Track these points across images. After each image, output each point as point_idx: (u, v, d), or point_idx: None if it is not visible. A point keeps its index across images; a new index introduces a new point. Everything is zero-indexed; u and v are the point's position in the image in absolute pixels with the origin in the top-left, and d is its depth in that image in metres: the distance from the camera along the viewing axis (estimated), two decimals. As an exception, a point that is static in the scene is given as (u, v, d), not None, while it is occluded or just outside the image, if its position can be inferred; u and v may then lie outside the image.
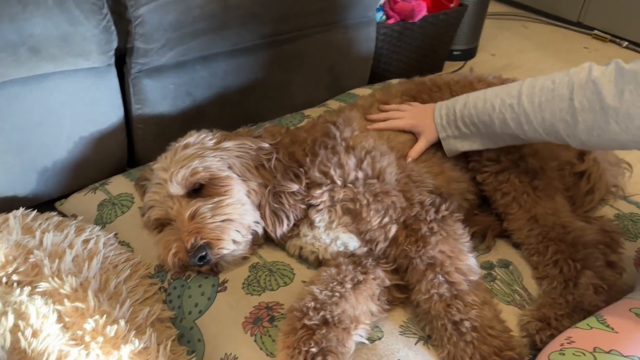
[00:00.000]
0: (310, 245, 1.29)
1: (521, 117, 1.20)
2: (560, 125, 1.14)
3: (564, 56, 3.43)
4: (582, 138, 1.12)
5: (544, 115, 1.17)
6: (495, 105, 1.25)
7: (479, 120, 1.29)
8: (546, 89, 1.17)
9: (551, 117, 1.15)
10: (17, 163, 1.49)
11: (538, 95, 1.18)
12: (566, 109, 1.12)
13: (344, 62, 2.21)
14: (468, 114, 1.31)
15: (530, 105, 1.19)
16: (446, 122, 1.37)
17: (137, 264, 1.31)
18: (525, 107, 1.19)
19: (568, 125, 1.13)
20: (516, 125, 1.22)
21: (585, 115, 1.09)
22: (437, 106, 1.40)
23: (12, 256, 1.24)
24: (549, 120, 1.16)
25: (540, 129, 1.18)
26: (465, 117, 1.32)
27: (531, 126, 1.20)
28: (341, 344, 1.03)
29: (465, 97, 1.34)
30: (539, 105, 1.17)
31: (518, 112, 1.21)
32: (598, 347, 0.99)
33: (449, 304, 1.11)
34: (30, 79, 1.41)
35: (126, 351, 1.07)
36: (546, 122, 1.17)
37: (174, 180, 1.24)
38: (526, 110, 1.19)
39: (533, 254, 1.32)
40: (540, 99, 1.17)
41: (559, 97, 1.14)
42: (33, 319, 1.06)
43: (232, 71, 1.83)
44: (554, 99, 1.15)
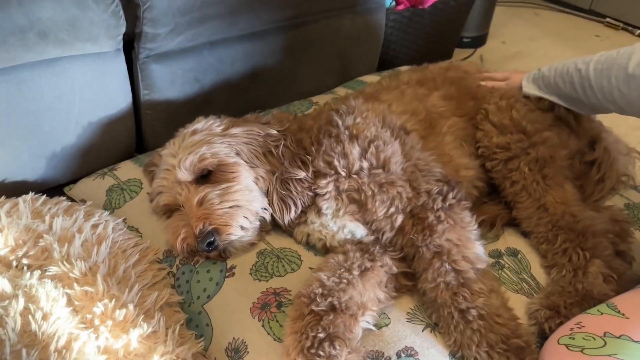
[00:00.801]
0: (317, 232, 1.30)
1: (585, 82, 1.27)
2: (615, 93, 1.20)
3: (575, 44, 3.38)
4: (637, 105, 1.17)
5: (602, 82, 1.22)
6: (570, 69, 1.32)
7: (554, 82, 1.38)
8: (609, 57, 1.23)
9: (608, 84, 1.21)
10: (26, 148, 1.49)
11: (602, 62, 1.24)
12: (622, 77, 1.17)
13: (352, 49, 2.19)
14: (548, 75, 1.41)
15: (594, 71, 1.25)
16: (532, 78, 1.48)
17: (146, 249, 1.32)
18: (590, 72, 1.26)
19: (622, 94, 1.18)
20: (581, 90, 1.29)
21: (638, 82, 1.14)
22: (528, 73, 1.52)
23: (22, 240, 1.25)
24: (606, 87, 1.21)
25: (599, 94, 1.25)
26: (545, 77, 1.42)
27: (592, 92, 1.26)
28: (348, 330, 1.04)
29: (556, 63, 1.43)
30: (601, 72, 1.23)
31: (584, 77, 1.28)
32: (608, 332, 0.99)
33: (455, 292, 1.11)
34: (39, 64, 1.41)
35: (135, 335, 1.08)
36: (604, 89, 1.23)
37: (183, 166, 1.25)
38: (590, 75, 1.26)
39: (542, 243, 1.31)
40: (603, 65, 1.23)
41: (617, 66, 1.19)
42: (43, 302, 1.07)
43: (241, 57, 1.82)
44: (613, 67, 1.20)
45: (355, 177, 1.22)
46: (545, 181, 1.36)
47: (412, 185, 1.22)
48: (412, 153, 1.29)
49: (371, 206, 1.21)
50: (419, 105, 1.46)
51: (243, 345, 1.10)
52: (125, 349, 1.07)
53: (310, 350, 0.98)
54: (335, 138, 1.28)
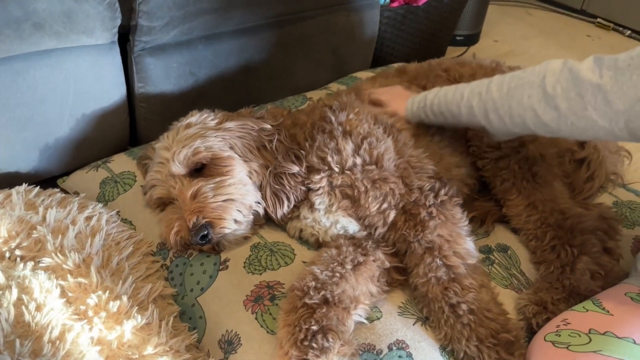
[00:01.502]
0: (310, 227, 1.31)
1: (488, 105, 1.16)
2: (527, 114, 1.10)
3: (566, 44, 3.42)
4: (553, 127, 1.08)
5: (511, 103, 1.12)
6: (465, 94, 1.22)
7: (446, 109, 1.27)
8: (516, 77, 1.13)
9: (518, 105, 1.11)
10: (19, 139, 1.49)
11: (507, 83, 1.13)
12: (536, 96, 1.08)
13: (347, 45, 2.20)
14: (437, 103, 1.30)
15: (499, 92, 1.14)
16: (416, 108, 1.37)
17: (140, 242, 1.32)
18: (493, 94, 1.15)
19: (535, 114, 1.08)
20: (482, 114, 1.18)
21: (558, 101, 1.05)
22: (412, 97, 1.41)
23: (15, 231, 1.24)
24: (515, 108, 1.11)
25: (506, 117, 1.14)
26: (434, 105, 1.31)
27: (497, 114, 1.15)
28: (341, 323, 1.05)
29: (438, 88, 1.33)
30: (507, 92, 1.12)
31: (485, 100, 1.16)
32: (593, 329, 1.01)
33: (446, 287, 1.12)
34: (34, 55, 1.40)
35: (129, 326, 1.09)
36: (513, 111, 1.12)
37: (176, 159, 1.25)
38: (494, 97, 1.15)
39: (531, 239, 1.33)
40: (509, 85, 1.13)
41: (529, 84, 1.09)
42: (36, 293, 1.08)
43: (236, 51, 1.82)
44: (524, 85, 1.10)
45: (349, 173, 1.23)
46: (534, 179, 1.38)
47: (404, 181, 1.23)
48: (405, 150, 1.30)
49: (364, 202, 1.22)
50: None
51: (236, 337, 1.11)
52: (119, 340, 1.08)
53: (303, 343, 0.99)
54: (328, 134, 1.29)
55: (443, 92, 1.30)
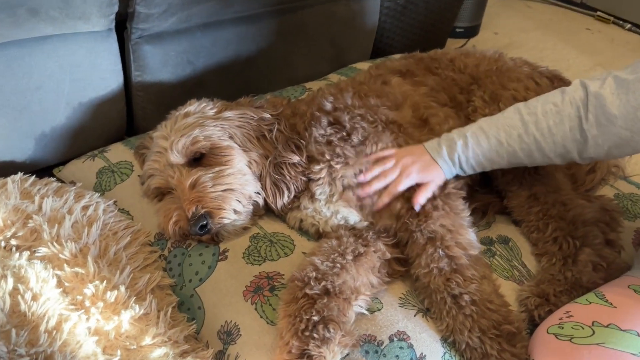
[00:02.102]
0: (310, 217, 1.30)
1: (532, 146, 1.16)
2: (571, 145, 1.12)
3: (566, 37, 3.40)
4: (592, 153, 1.11)
5: (555, 139, 1.13)
6: (502, 139, 1.18)
7: (485, 159, 1.21)
8: (551, 112, 1.14)
9: (562, 139, 1.12)
10: (15, 128, 1.46)
11: (544, 120, 1.14)
12: (576, 127, 1.10)
13: (346, 35, 2.18)
14: (474, 155, 1.21)
15: (539, 131, 1.14)
16: (451, 165, 1.23)
17: (137, 232, 1.31)
18: (535, 134, 1.15)
19: (579, 143, 1.11)
20: (526, 155, 1.18)
21: (593, 130, 1.08)
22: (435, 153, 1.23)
23: (11, 221, 1.23)
24: (560, 142, 1.13)
25: (551, 153, 1.15)
26: (470, 159, 1.22)
27: (542, 152, 1.16)
28: (342, 314, 1.04)
29: (461, 136, 1.22)
30: (549, 130, 1.13)
31: (528, 142, 1.16)
32: (597, 321, 1.00)
33: (448, 277, 1.12)
34: (29, 41, 1.38)
35: (126, 317, 1.08)
36: (557, 145, 1.14)
37: (175, 148, 1.24)
38: (536, 137, 1.15)
39: (533, 231, 1.33)
40: (547, 123, 1.14)
41: (568, 117, 1.11)
42: (33, 282, 1.06)
43: (234, 40, 1.80)
44: (563, 120, 1.12)
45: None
46: (536, 171, 1.37)
47: None
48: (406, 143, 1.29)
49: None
50: (410, 94, 1.45)
51: (235, 328, 1.10)
52: (116, 330, 1.07)
53: (304, 333, 0.98)
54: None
55: (473, 141, 1.21)
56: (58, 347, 0.97)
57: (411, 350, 1.06)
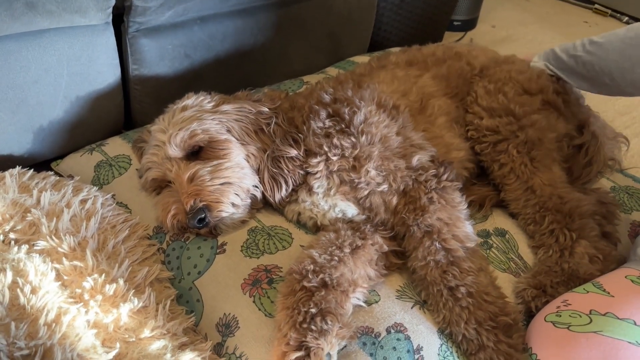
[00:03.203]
0: (308, 211, 1.30)
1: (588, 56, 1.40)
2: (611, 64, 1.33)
3: (563, 30, 3.40)
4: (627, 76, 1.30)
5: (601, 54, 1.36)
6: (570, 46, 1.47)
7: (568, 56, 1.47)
8: (608, 33, 1.37)
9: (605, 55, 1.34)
10: (12, 122, 1.46)
11: (600, 37, 1.39)
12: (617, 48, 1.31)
13: (344, 28, 2.17)
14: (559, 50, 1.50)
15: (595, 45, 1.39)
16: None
17: (136, 225, 1.31)
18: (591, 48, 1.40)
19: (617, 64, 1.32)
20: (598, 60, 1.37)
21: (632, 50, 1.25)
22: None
23: (9, 214, 1.23)
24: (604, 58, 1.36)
25: (597, 67, 1.37)
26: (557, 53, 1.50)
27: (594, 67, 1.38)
28: (339, 306, 1.05)
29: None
30: (601, 45, 1.37)
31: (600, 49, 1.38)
32: (594, 310, 1.01)
33: (445, 270, 1.12)
34: (26, 35, 1.37)
35: (125, 309, 1.08)
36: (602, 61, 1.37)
37: (173, 142, 1.24)
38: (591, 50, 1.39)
39: (529, 224, 1.33)
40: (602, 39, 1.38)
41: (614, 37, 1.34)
42: (32, 276, 1.06)
43: (231, 34, 1.80)
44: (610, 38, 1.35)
45: (347, 157, 1.22)
46: (533, 163, 1.37)
47: (406, 162, 1.23)
48: (405, 132, 1.29)
49: (365, 172, 1.21)
50: (410, 86, 1.46)
51: (234, 320, 1.10)
52: (115, 323, 1.07)
53: (302, 325, 0.98)
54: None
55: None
56: (57, 340, 0.97)
57: (408, 341, 1.06)
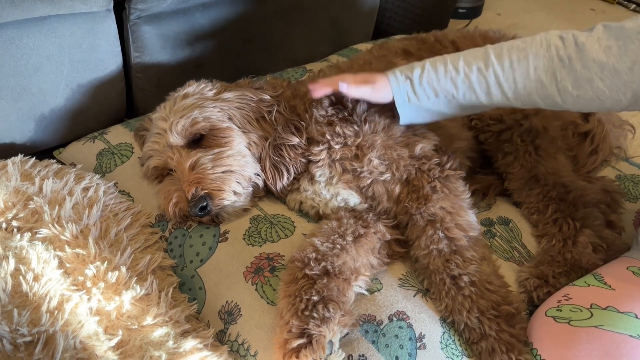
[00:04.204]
0: (310, 200, 1.29)
1: (490, 80, 1.08)
2: (533, 86, 1.06)
3: (569, 17, 3.36)
4: (558, 100, 1.05)
5: (515, 76, 1.06)
6: (460, 68, 1.10)
7: (439, 86, 1.13)
8: (516, 49, 1.07)
9: (524, 78, 1.06)
10: (14, 110, 1.46)
11: (508, 55, 1.07)
12: (542, 68, 1.04)
13: (347, 15, 2.15)
14: (427, 78, 1.13)
15: (500, 65, 1.07)
16: (402, 83, 1.16)
17: (138, 213, 1.31)
18: (495, 68, 1.07)
19: (543, 85, 1.05)
20: (484, 90, 1.10)
21: (564, 73, 1.02)
22: (392, 72, 1.19)
23: (12, 202, 1.23)
24: (520, 82, 1.06)
25: (509, 92, 1.08)
26: (423, 79, 1.13)
27: (499, 89, 1.08)
28: (342, 294, 1.04)
29: (423, 61, 1.16)
30: (510, 66, 1.06)
31: (486, 75, 1.08)
32: (595, 304, 1.01)
33: (447, 259, 1.12)
34: (27, 22, 1.36)
35: (127, 297, 1.08)
36: (518, 85, 1.07)
37: (174, 130, 1.23)
38: (496, 71, 1.07)
39: (533, 213, 1.32)
40: (511, 58, 1.06)
41: (534, 56, 1.05)
42: (34, 263, 1.07)
43: (233, 21, 1.78)
44: (527, 57, 1.05)
45: (349, 145, 1.21)
46: (537, 152, 1.36)
47: (409, 150, 1.22)
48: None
49: (367, 161, 1.20)
50: None
51: (236, 308, 1.10)
52: (117, 311, 1.07)
53: (304, 313, 0.98)
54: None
55: (430, 65, 1.14)
56: (60, 327, 0.98)
57: (410, 329, 1.06)
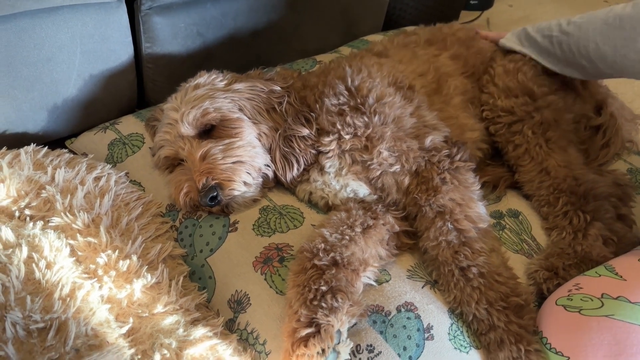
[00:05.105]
0: (320, 190, 1.30)
1: (562, 36, 1.36)
2: (591, 46, 1.29)
3: (582, 9, 3.29)
4: (608, 58, 1.26)
5: (579, 34, 1.32)
6: (552, 24, 1.42)
7: (534, 36, 1.46)
8: (590, 14, 1.33)
9: (585, 37, 1.30)
10: (27, 99, 1.47)
11: (582, 17, 1.34)
12: (598, 29, 1.25)
13: (358, 6, 2.14)
14: (531, 30, 1.48)
15: (574, 24, 1.34)
16: (515, 34, 1.54)
17: (149, 203, 1.32)
18: (570, 26, 1.35)
19: (597, 45, 1.27)
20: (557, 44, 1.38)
21: (615, 32, 1.21)
22: None
23: (24, 191, 1.24)
24: (583, 39, 1.31)
25: (574, 47, 1.34)
26: (528, 32, 1.48)
27: (568, 46, 1.35)
28: (350, 284, 1.05)
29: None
30: (580, 26, 1.32)
31: (563, 30, 1.37)
32: (606, 294, 1.00)
33: (456, 250, 1.12)
34: (40, 12, 1.37)
35: (139, 285, 1.09)
36: (580, 42, 1.32)
37: (185, 120, 1.24)
38: (569, 29, 1.35)
39: (543, 205, 1.32)
40: (582, 19, 1.33)
41: (595, 18, 1.28)
42: (46, 251, 1.08)
43: (244, 11, 1.78)
44: (590, 19, 1.30)
45: (359, 136, 1.21)
46: (548, 144, 1.36)
47: (419, 142, 1.22)
48: (420, 112, 1.28)
49: (377, 153, 1.20)
50: (428, 65, 1.44)
51: (246, 297, 1.11)
52: (129, 299, 1.09)
53: (312, 302, 0.99)
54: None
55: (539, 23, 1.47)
56: (72, 314, 0.99)
57: (418, 320, 1.07)
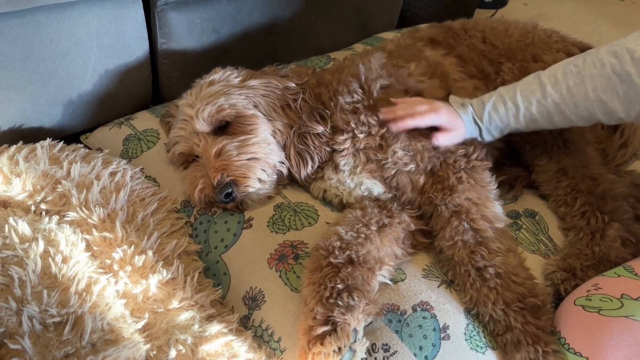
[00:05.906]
0: (334, 188, 1.29)
1: (550, 109, 1.14)
2: (594, 106, 1.09)
3: (597, 7, 3.29)
4: (621, 115, 1.08)
5: (575, 101, 1.11)
6: (519, 104, 1.17)
7: (503, 126, 1.21)
8: (570, 73, 1.11)
9: (584, 100, 1.10)
10: (43, 94, 1.48)
11: (564, 82, 1.12)
12: (600, 88, 1.07)
13: (372, 4, 2.13)
14: (495, 121, 1.21)
15: (558, 93, 1.12)
16: (472, 123, 1.24)
17: (164, 198, 1.32)
18: (554, 97, 1.13)
19: (604, 104, 1.08)
20: (545, 119, 1.16)
21: (625, 88, 1.05)
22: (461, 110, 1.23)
23: (40, 185, 1.25)
24: (582, 104, 1.10)
25: (572, 116, 1.13)
26: (492, 122, 1.21)
27: (562, 115, 1.14)
28: (366, 283, 1.04)
29: (481, 103, 1.22)
30: (568, 91, 1.11)
31: (546, 104, 1.14)
32: (626, 294, 0.99)
33: (473, 250, 1.11)
34: (56, 7, 1.38)
35: (154, 280, 1.09)
36: (579, 107, 1.11)
37: (200, 116, 1.24)
38: (555, 100, 1.13)
39: (561, 205, 1.31)
40: (567, 84, 1.11)
41: (589, 78, 1.08)
42: (62, 245, 1.08)
43: (259, 8, 1.77)
44: (584, 80, 1.09)
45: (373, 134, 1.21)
46: (565, 145, 1.34)
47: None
48: None
49: (391, 152, 1.20)
50: (436, 67, 1.43)
51: (260, 294, 1.11)
52: (144, 294, 1.09)
53: (329, 300, 0.98)
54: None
55: (491, 107, 1.20)
56: (88, 309, 0.99)
57: (434, 320, 1.06)
